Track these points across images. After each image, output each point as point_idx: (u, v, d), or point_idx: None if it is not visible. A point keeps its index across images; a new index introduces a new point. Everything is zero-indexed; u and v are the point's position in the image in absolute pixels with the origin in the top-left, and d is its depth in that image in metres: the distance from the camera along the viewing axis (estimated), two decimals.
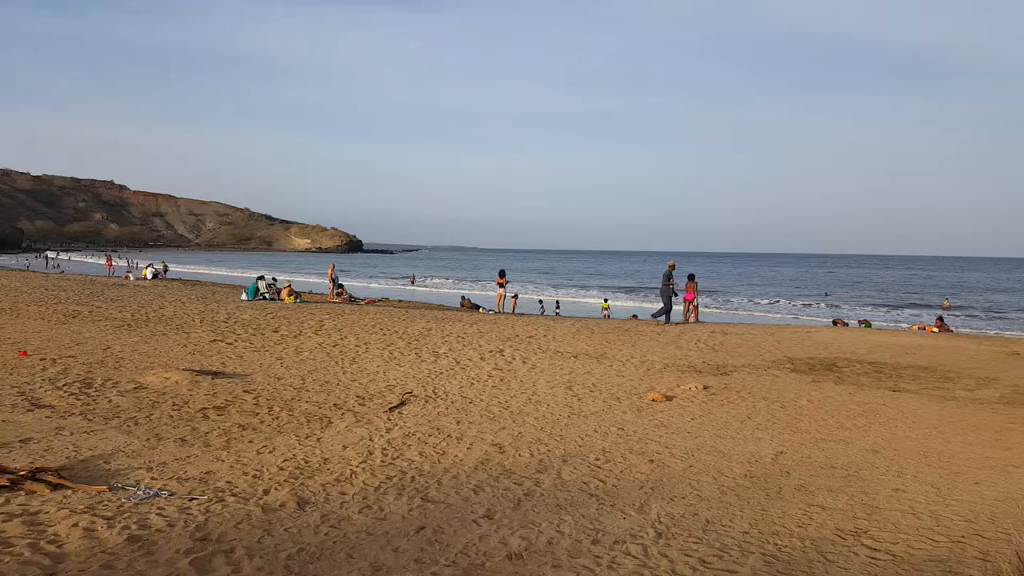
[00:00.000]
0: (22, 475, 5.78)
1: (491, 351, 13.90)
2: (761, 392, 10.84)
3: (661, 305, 22.13)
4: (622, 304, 35.56)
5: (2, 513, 5.14)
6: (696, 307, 23.22)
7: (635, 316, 28.28)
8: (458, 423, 8.49)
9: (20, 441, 7.07)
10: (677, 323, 20.99)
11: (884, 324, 31.27)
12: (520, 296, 31.55)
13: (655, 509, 5.82)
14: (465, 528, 5.28)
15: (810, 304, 45.56)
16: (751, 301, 46.36)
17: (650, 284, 61.41)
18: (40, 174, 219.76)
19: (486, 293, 38.82)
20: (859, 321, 30.65)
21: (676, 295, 21.95)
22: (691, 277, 23.27)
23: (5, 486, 5.59)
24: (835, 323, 28.87)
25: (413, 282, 57.78)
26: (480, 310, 27.29)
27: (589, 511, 5.72)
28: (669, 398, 10.14)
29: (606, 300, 35.35)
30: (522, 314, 25.80)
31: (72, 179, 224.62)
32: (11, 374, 10.33)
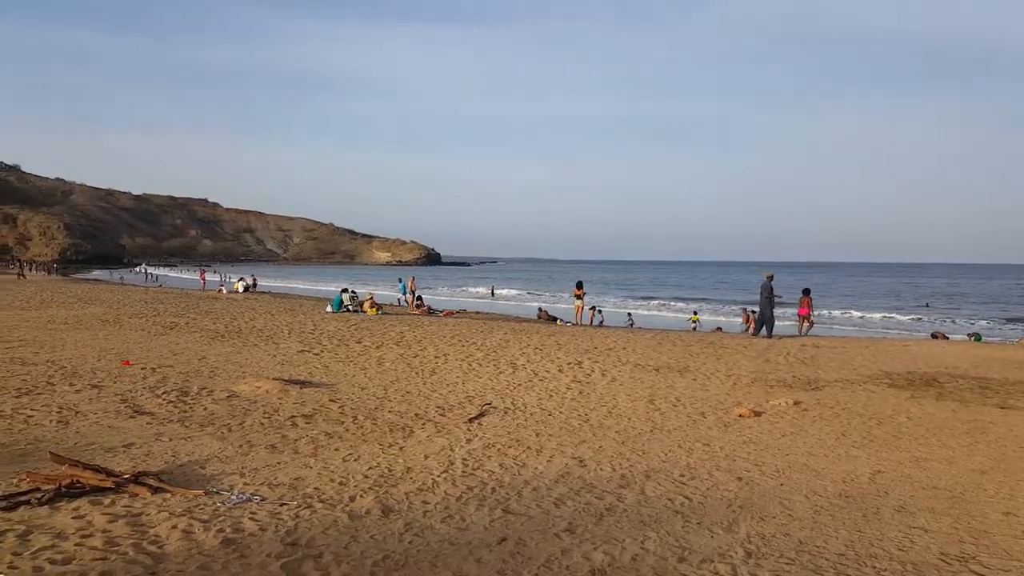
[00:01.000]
0: (126, 478, 6.07)
1: (569, 363, 13.82)
2: (856, 408, 10.36)
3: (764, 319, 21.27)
4: (708, 318, 34.71)
5: (108, 514, 5.42)
6: (812, 323, 22.64)
7: (720, 328, 27.61)
8: (537, 435, 8.44)
9: (123, 446, 7.46)
10: (783, 336, 20.10)
11: (992, 338, 29.39)
12: (597, 307, 31.22)
13: (744, 528, 5.62)
14: (547, 541, 5.23)
15: (908, 316, 43.28)
16: (843, 313, 44.40)
17: (732, 296, 59.85)
18: (140, 193, 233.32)
19: (563, 305, 38.67)
20: (969, 335, 28.92)
21: (774, 306, 20.94)
22: (806, 292, 22.84)
23: (110, 488, 5.89)
24: (934, 336, 27.40)
25: (493, 294, 57.93)
26: (557, 322, 27.19)
27: (674, 528, 5.58)
28: (757, 414, 9.81)
29: (695, 312, 34.60)
30: (600, 326, 25.59)
31: (169, 197, 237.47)
32: (115, 382, 10.94)
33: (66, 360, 12.92)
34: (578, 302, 27.21)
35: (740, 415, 9.68)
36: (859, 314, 42.88)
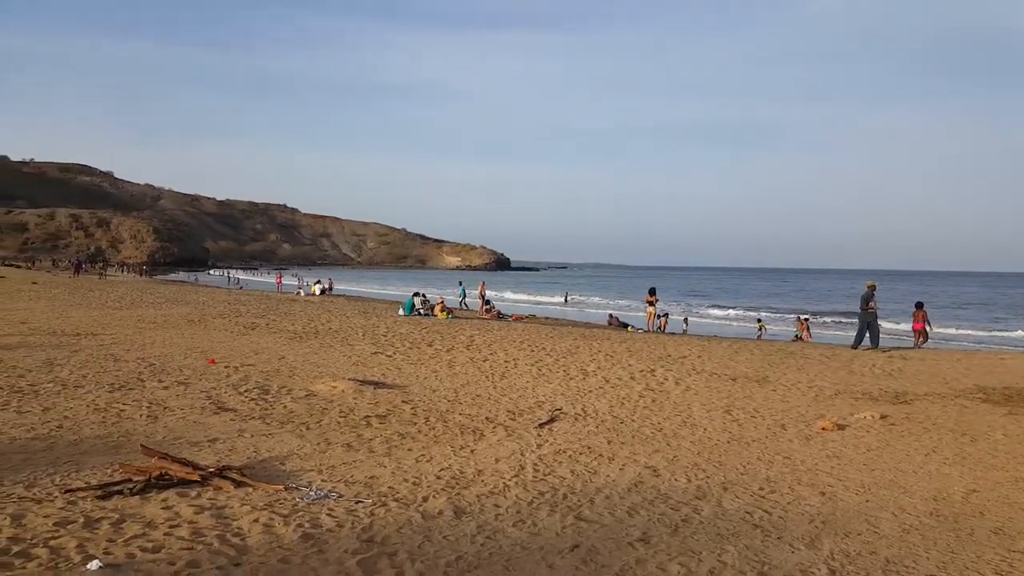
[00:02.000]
0: (211, 472, 6.30)
1: (642, 371, 13.62)
2: (948, 424, 9.83)
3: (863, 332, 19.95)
4: (778, 328, 33.62)
5: (194, 506, 5.63)
6: (927, 336, 21.71)
7: (798, 337, 26.77)
8: (609, 443, 8.34)
9: (208, 441, 7.75)
10: (885, 349, 18.94)
11: None
12: (668, 314, 30.66)
13: (827, 545, 5.40)
14: (620, 550, 5.14)
15: (1004, 328, 40.71)
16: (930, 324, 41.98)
17: (807, 304, 57.92)
18: (224, 199, 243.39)
19: (634, 313, 38.16)
20: None
21: (876, 318, 19.34)
22: (919, 305, 21.99)
23: (196, 481, 6.12)
24: None
25: (567, 300, 57.39)
26: (628, 328, 26.86)
27: (753, 542, 5.40)
28: (841, 427, 9.43)
29: (760, 320, 33.65)
30: (673, 333, 25.16)
31: (251, 203, 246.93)
32: (201, 380, 11.39)
33: (155, 357, 13.54)
34: (650, 308, 26.79)
35: (823, 428, 9.33)
36: (951, 327, 40.40)
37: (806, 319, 31.24)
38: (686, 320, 32.15)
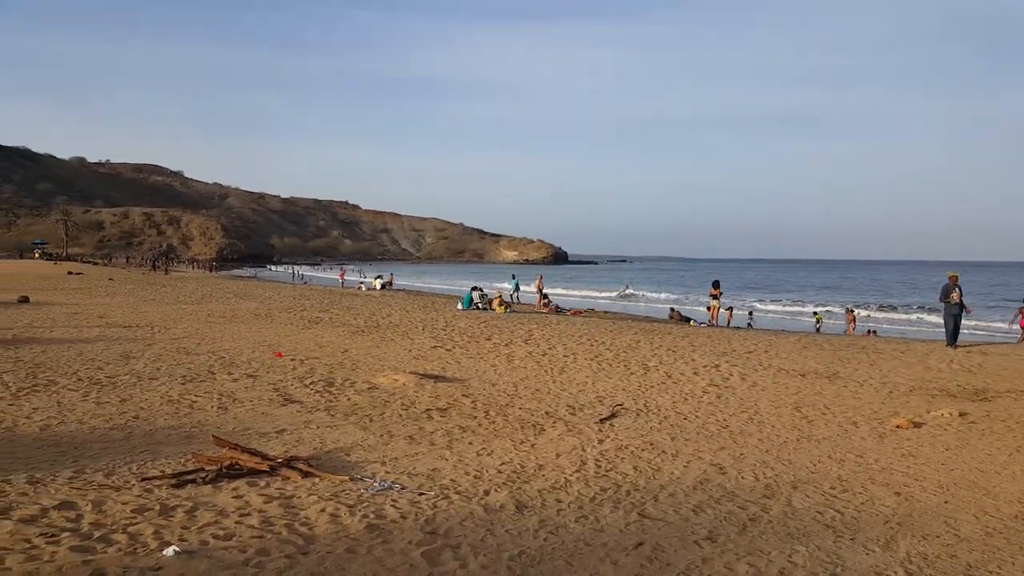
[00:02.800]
0: (279, 462, 6.45)
1: (705, 366, 13.36)
2: None
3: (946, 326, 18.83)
4: (838, 322, 32.52)
5: (263, 495, 5.76)
6: None
7: (873, 331, 25.89)
8: (673, 439, 8.20)
9: (276, 432, 7.94)
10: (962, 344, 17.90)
11: None
12: (736, 309, 29.97)
13: (904, 546, 5.18)
14: (686, 549, 5.04)
15: None
16: (1006, 319, 40.12)
17: (888, 298, 55.92)
18: (288, 196, 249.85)
19: (696, 308, 37.51)
20: None
21: (967, 311, 18.27)
22: None
23: (265, 471, 6.27)
24: None
25: (623, 293, 56.85)
26: (691, 323, 26.41)
27: (825, 543, 5.22)
28: (917, 425, 9.05)
29: (816, 312, 32.59)
30: (738, 328, 24.62)
31: (314, 200, 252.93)
32: (268, 372, 11.69)
33: (224, 351, 13.97)
34: (714, 302, 26.27)
35: (897, 426, 8.97)
36: None
37: (852, 310, 30.22)
38: (751, 314, 31.31)
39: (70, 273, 51.03)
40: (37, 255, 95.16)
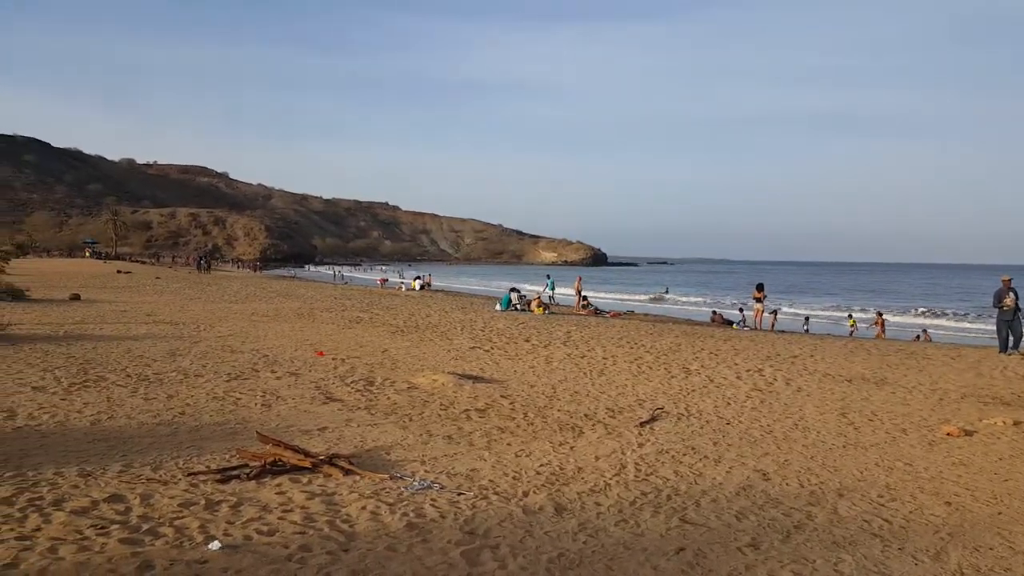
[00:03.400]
0: (321, 459, 6.52)
1: (748, 370, 13.14)
2: None
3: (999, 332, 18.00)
4: (899, 319, 31.73)
5: (305, 491, 5.84)
6: None
7: (925, 335, 25.23)
8: (715, 444, 8.09)
9: (318, 429, 8.04)
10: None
11: None
12: (780, 313, 29.40)
13: (955, 558, 5.03)
14: (729, 555, 4.96)
15: None
16: None
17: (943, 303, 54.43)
18: (330, 197, 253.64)
19: (735, 311, 36.96)
20: None
21: (1016, 314, 17.18)
22: None
23: (307, 468, 6.35)
24: None
25: (663, 296, 56.24)
26: (734, 326, 26.02)
27: (872, 552, 5.09)
28: (968, 433, 8.78)
29: (851, 316, 31.72)
30: (782, 331, 24.18)
31: (355, 201, 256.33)
32: (310, 371, 11.85)
33: (268, 349, 14.20)
34: (758, 305, 25.84)
35: (948, 433, 8.71)
36: None
37: (881, 314, 29.39)
38: (807, 320, 30.48)
39: (119, 272, 52.45)
40: (87, 254, 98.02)
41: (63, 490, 5.60)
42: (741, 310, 29.33)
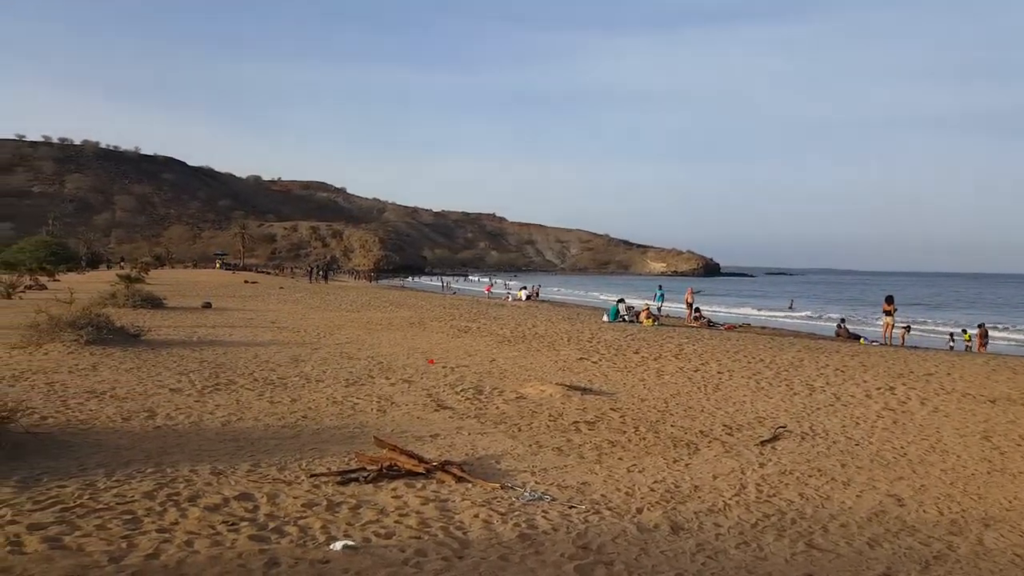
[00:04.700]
0: (434, 465, 6.61)
1: (879, 388, 12.33)
2: None
3: None
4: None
5: (420, 496, 5.92)
6: None
7: None
8: (843, 466, 7.61)
9: (430, 436, 8.17)
10: None
11: None
12: (912, 327, 27.47)
13: None
14: None
15: None
16: None
17: None
18: (439, 210, 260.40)
19: (867, 326, 34.95)
20: None
21: None
22: None
23: (421, 473, 6.45)
24: None
25: (792, 307, 53.61)
26: (861, 341, 24.58)
27: None
28: None
29: (965, 330, 29.02)
30: (915, 347, 22.63)
31: (463, 213, 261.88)
32: (422, 378, 12.10)
33: (382, 356, 14.64)
34: (887, 319, 24.31)
35: None
36: None
37: (983, 326, 26.66)
38: (952, 337, 28.09)
39: (246, 282, 55.69)
40: (218, 265, 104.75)
41: (197, 487, 5.93)
42: (842, 321, 27.79)
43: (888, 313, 24.29)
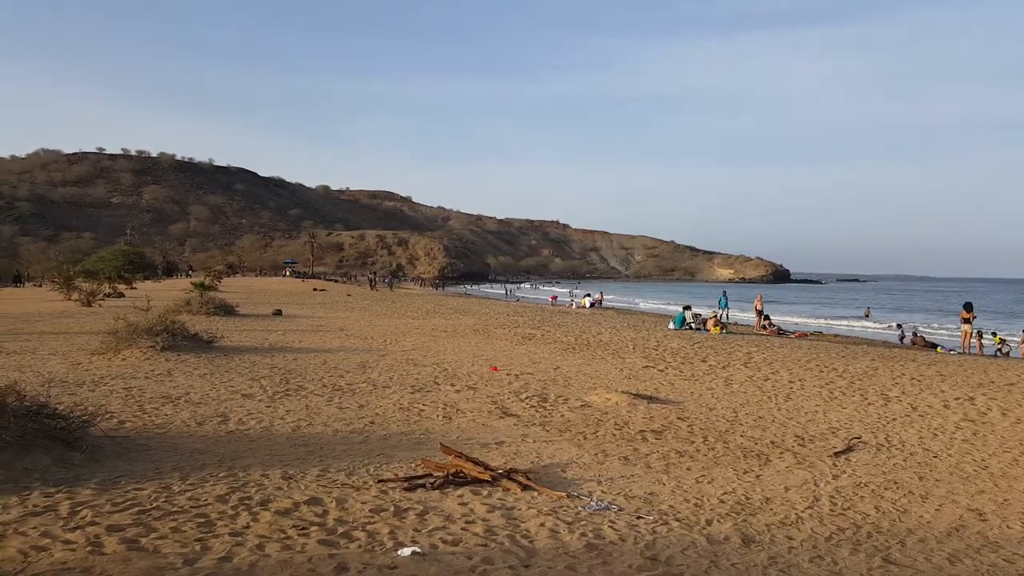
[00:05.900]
0: (500, 473, 6.64)
1: (957, 398, 11.79)
2: None
3: None
4: None
5: (486, 504, 5.96)
6: None
7: None
8: (921, 479, 7.30)
9: (495, 443, 8.21)
10: None
11: None
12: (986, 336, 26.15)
13: None
14: None
15: None
16: None
17: None
18: (503, 217, 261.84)
19: (945, 334, 33.51)
20: None
21: None
22: None
23: (487, 481, 6.49)
24: None
25: (868, 316, 51.73)
26: (938, 349, 23.56)
27: None
28: None
29: (995, 333, 27.18)
30: (994, 356, 21.56)
31: (527, 220, 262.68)
32: (486, 385, 12.18)
33: (447, 363, 14.80)
34: (966, 327, 23.25)
35: None
36: None
37: None
38: (1003, 342, 26.74)
39: (315, 289, 57.17)
40: (288, 273, 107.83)
41: (268, 491, 6.10)
42: (900, 327, 26.56)
43: (967, 321, 23.24)
